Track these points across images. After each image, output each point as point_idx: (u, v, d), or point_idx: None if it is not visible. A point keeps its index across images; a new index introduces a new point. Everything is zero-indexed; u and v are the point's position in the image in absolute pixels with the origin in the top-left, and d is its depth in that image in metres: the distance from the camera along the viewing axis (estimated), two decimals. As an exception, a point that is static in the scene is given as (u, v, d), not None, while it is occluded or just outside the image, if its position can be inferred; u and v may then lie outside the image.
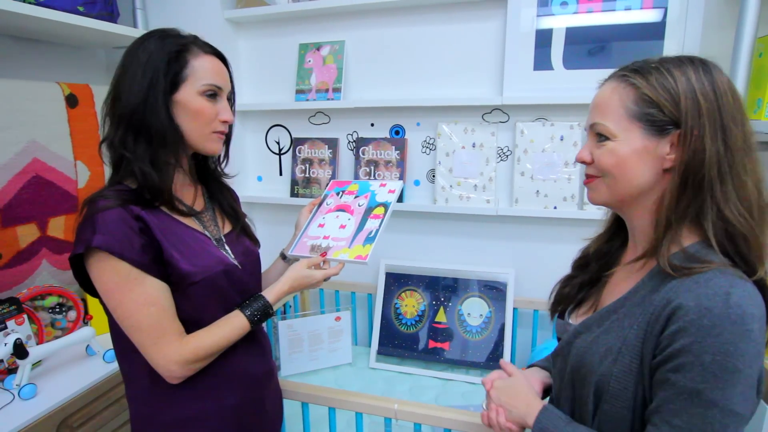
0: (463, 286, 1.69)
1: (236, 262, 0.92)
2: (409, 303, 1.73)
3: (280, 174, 1.93)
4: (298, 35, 1.78)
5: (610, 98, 0.69)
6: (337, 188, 1.12)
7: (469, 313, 1.66)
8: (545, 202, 1.56)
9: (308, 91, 1.75)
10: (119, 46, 1.69)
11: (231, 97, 0.92)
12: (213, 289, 0.86)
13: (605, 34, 1.45)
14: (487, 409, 0.83)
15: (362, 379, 1.62)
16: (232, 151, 1.00)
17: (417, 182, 1.75)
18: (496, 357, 1.59)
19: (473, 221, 1.71)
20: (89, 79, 1.69)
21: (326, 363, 1.69)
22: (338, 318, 1.70)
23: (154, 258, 0.79)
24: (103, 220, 0.75)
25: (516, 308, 1.64)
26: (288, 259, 1.08)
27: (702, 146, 0.62)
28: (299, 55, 1.76)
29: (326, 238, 1.00)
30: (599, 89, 0.72)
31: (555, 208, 1.55)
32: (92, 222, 0.76)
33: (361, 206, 1.04)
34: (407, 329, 1.71)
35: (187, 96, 0.82)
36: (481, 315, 1.65)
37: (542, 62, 1.51)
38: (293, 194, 1.85)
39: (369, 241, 0.96)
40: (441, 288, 1.71)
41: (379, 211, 1.02)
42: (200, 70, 0.83)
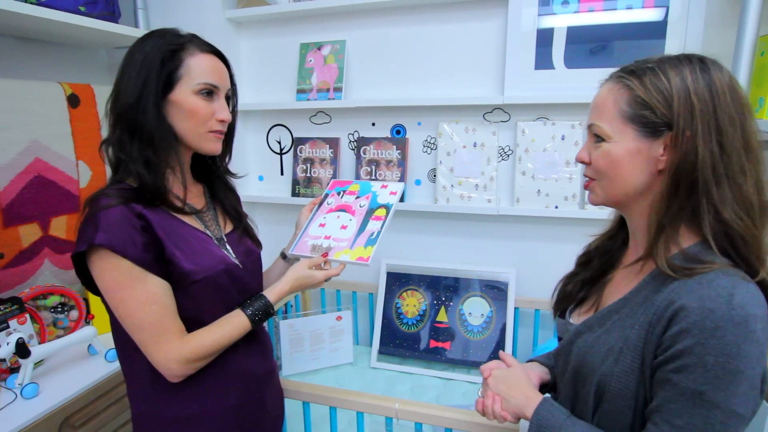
0: (465, 286, 1.69)
1: (237, 262, 0.92)
2: (411, 302, 1.73)
3: (281, 174, 1.93)
4: (299, 35, 1.78)
5: (606, 99, 0.69)
6: (338, 188, 1.12)
7: (470, 313, 1.66)
8: (546, 201, 1.56)
9: (309, 90, 1.75)
10: (121, 46, 1.69)
11: (232, 96, 0.92)
12: (214, 287, 0.86)
13: (606, 34, 1.45)
14: (483, 397, 0.82)
15: (363, 379, 1.62)
16: (233, 150, 0.99)
17: (418, 182, 1.75)
18: (497, 357, 1.59)
19: (474, 221, 1.70)
20: (91, 79, 1.69)
21: (327, 362, 1.69)
22: (339, 317, 1.70)
23: (156, 256, 0.79)
24: (106, 218, 0.76)
25: (517, 308, 1.64)
26: (288, 258, 1.08)
27: (694, 148, 0.61)
28: (300, 55, 1.76)
29: (327, 238, 1.00)
30: (598, 90, 0.72)
31: (556, 207, 1.55)
32: (95, 220, 0.76)
33: (362, 207, 1.04)
34: (408, 329, 1.71)
35: (182, 95, 0.82)
36: (483, 314, 1.65)
37: (543, 61, 1.51)
38: (294, 194, 1.85)
39: (371, 243, 0.96)
40: (442, 287, 1.71)
41: (380, 212, 1.02)
42: (195, 69, 0.82)
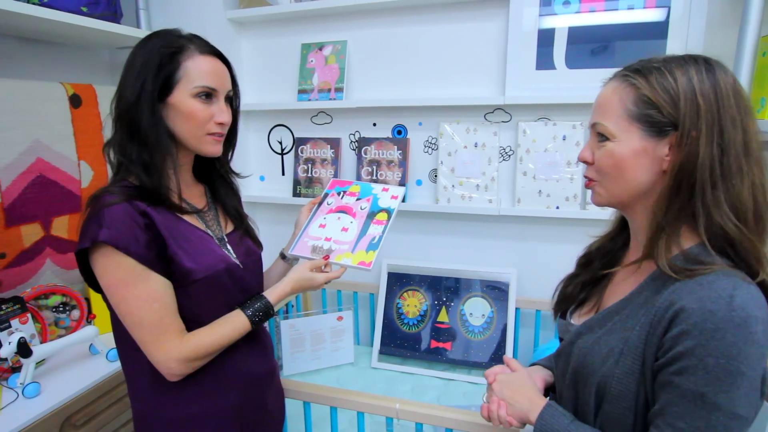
0: (465, 286, 1.69)
1: (238, 262, 0.92)
2: (411, 303, 1.73)
3: (283, 174, 1.93)
4: (300, 35, 1.78)
5: (610, 98, 0.68)
6: (338, 188, 1.11)
7: (471, 313, 1.66)
8: (547, 202, 1.56)
9: (310, 90, 1.75)
10: (123, 47, 1.69)
11: (233, 98, 0.92)
12: (215, 287, 0.86)
13: (608, 34, 1.45)
14: (488, 402, 0.82)
15: (364, 379, 1.62)
16: (234, 151, 0.99)
17: (419, 182, 1.75)
18: (499, 357, 1.59)
19: (475, 221, 1.70)
20: (93, 79, 1.70)
21: (328, 362, 1.69)
22: (340, 318, 1.70)
23: (158, 254, 0.80)
24: (110, 215, 0.76)
25: (518, 308, 1.64)
26: (287, 258, 1.08)
27: (697, 149, 0.61)
28: (301, 55, 1.77)
29: (328, 240, 1.00)
30: (602, 89, 0.72)
31: (557, 208, 1.55)
32: (99, 217, 0.76)
33: (363, 209, 1.04)
34: (409, 329, 1.71)
35: (180, 98, 0.82)
36: (483, 315, 1.65)
37: (545, 62, 1.51)
38: (295, 194, 1.85)
39: (372, 247, 0.96)
40: (443, 288, 1.71)
41: (381, 216, 1.02)
42: (193, 72, 0.82)
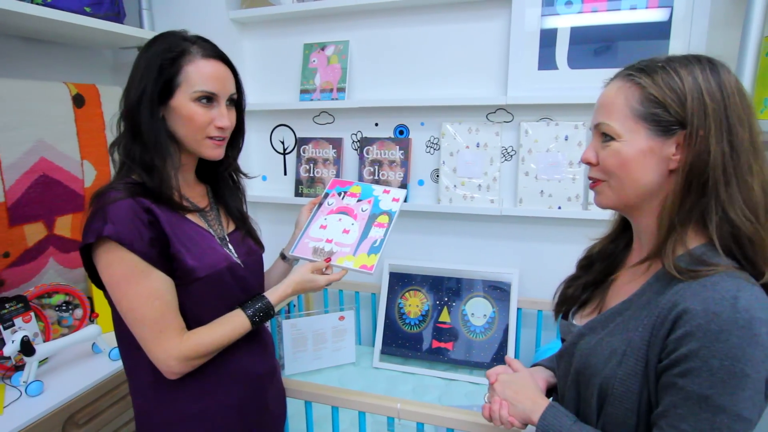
0: (467, 286, 1.69)
1: (239, 261, 0.92)
2: (413, 303, 1.73)
3: (285, 174, 1.93)
4: (302, 35, 1.78)
5: (615, 98, 0.68)
6: (338, 188, 1.11)
7: (472, 313, 1.66)
8: (549, 202, 1.56)
9: (312, 90, 1.75)
10: (126, 47, 1.70)
11: (237, 100, 0.92)
12: (217, 285, 0.86)
13: (610, 34, 1.44)
14: (489, 402, 0.82)
15: (365, 379, 1.62)
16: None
17: (421, 182, 1.75)
18: (500, 357, 1.59)
19: (477, 221, 1.70)
20: (96, 79, 1.70)
21: (330, 362, 1.69)
22: (342, 317, 1.70)
23: (161, 251, 0.80)
24: (115, 211, 0.76)
25: (520, 308, 1.63)
26: (288, 259, 1.08)
27: (707, 147, 0.61)
28: (304, 55, 1.77)
29: (329, 241, 1.00)
30: (605, 88, 0.72)
31: (559, 208, 1.55)
32: (103, 212, 0.76)
33: (364, 211, 1.04)
34: (411, 329, 1.71)
35: (181, 102, 0.82)
36: (485, 315, 1.65)
37: (547, 62, 1.51)
38: (297, 194, 1.85)
39: (374, 250, 0.96)
40: (445, 288, 1.71)
41: (383, 219, 1.01)
42: (194, 76, 0.82)
